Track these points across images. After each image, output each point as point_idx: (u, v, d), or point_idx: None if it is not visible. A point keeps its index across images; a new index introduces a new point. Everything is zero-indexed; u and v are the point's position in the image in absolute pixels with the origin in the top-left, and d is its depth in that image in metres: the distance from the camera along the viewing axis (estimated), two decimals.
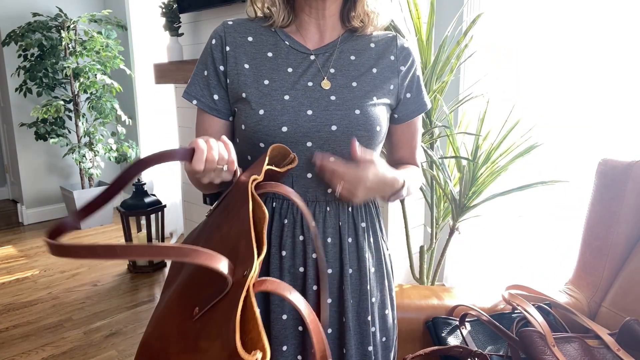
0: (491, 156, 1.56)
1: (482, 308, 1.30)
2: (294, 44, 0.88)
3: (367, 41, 0.92)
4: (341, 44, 0.90)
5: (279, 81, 0.85)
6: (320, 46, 0.89)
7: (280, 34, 0.89)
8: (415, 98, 0.94)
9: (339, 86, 0.86)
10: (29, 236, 3.69)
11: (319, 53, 0.88)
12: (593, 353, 1.10)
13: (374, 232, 0.94)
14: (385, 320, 0.95)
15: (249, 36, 0.88)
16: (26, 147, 3.92)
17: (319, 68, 0.87)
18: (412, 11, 1.56)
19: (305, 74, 0.86)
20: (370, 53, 0.91)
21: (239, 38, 0.88)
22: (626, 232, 1.30)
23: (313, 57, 0.88)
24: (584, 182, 1.62)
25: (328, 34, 0.89)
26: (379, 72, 0.89)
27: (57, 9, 3.81)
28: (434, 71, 1.57)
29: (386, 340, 0.95)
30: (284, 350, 0.87)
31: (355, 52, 0.90)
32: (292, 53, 0.88)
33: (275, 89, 0.84)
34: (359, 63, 0.89)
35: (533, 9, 1.76)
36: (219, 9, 2.67)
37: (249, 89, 0.85)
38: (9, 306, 2.60)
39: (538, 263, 1.84)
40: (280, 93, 0.84)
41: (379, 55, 0.91)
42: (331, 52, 0.89)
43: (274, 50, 0.88)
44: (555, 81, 1.73)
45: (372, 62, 0.90)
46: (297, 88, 0.85)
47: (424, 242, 2.21)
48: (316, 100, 0.84)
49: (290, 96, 0.84)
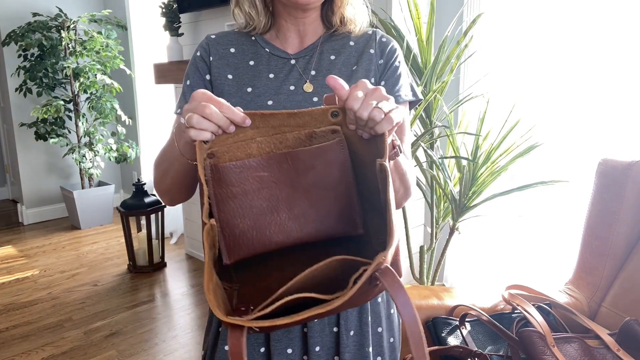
0: (491, 156, 1.56)
1: (482, 308, 1.30)
2: (273, 50, 0.89)
3: (347, 40, 0.92)
4: (321, 45, 0.90)
5: (262, 87, 0.86)
6: (301, 50, 0.90)
7: (260, 42, 0.90)
8: (389, 89, 0.89)
9: (320, 87, 0.87)
10: (29, 236, 3.69)
11: (299, 57, 0.89)
12: (593, 353, 1.10)
13: None
14: (391, 320, 0.95)
15: (231, 47, 0.90)
16: (26, 147, 3.92)
17: (300, 72, 0.88)
18: (412, 11, 1.56)
19: (287, 78, 0.87)
20: (350, 51, 0.91)
21: (222, 50, 0.89)
22: (626, 232, 1.30)
23: (293, 62, 0.89)
24: (584, 182, 1.62)
25: (309, 37, 0.90)
26: (360, 68, 0.89)
27: (57, 9, 3.81)
28: (434, 71, 1.57)
29: (393, 341, 0.95)
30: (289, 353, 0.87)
31: (334, 52, 0.90)
32: (272, 59, 0.89)
33: (258, 95, 0.85)
34: (339, 62, 0.89)
35: (533, 9, 1.76)
36: (219, 9, 2.67)
37: (233, 98, 0.86)
38: (9, 306, 2.60)
39: (538, 263, 1.84)
40: (264, 99, 0.85)
41: (359, 52, 0.91)
42: (311, 54, 0.89)
43: (255, 58, 0.89)
44: (555, 81, 1.73)
45: (352, 60, 0.90)
46: (280, 93, 0.86)
47: (424, 242, 2.21)
48: (299, 103, 0.85)
49: (274, 101, 0.85)
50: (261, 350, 0.87)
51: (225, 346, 0.90)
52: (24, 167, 3.95)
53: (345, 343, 0.87)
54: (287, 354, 0.86)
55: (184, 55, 3.01)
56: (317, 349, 0.86)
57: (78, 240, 3.59)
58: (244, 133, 0.66)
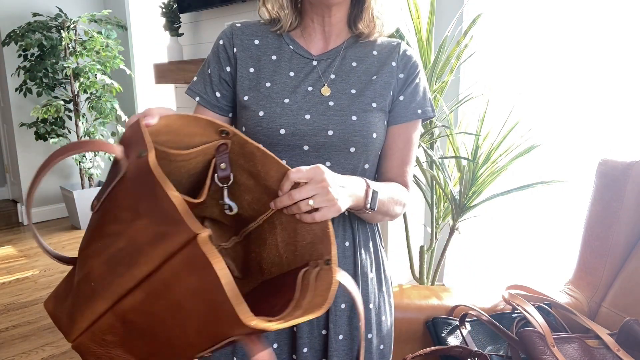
0: (491, 156, 1.56)
1: (482, 308, 1.30)
2: (297, 48, 0.89)
3: (371, 48, 0.91)
4: (345, 50, 0.90)
5: (280, 84, 0.86)
6: (324, 52, 0.90)
7: (286, 38, 0.90)
8: (406, 103, 0.90)
9: (338, 92, 0.86)
10: (29, 236, 3.69)
11: (321, 59, 0.89)
12: (593, 353, 1.10)
13: (372, 236, 0.94)
14: (381, 327, 0.94)
15: (255, 39, 0.90)
16: (26, 147, 3.92)
17: (320, 74, 0.88)
18: (412, 11, 1.56)
19: (306, 79, 0.87)
20: (372, 60, 0.90)
21: (246, 41, 0.89)
22: (626, 232, 1.30)
23: (315, 63, 0.88)
24: (584, 182, 1.63)
25: (333, 39, 0.90)
26: (380, 79, 0.89)
27: (57, 9, 3.81)
28: (434, 71, 1.58)
29: (383, 348, 0.94)
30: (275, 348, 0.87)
31: (357, 58, 0.90)
32: (295, 57, 0.89)
33: (276, 91, 0.86)
34: (360, 70, 0.89)
35: (533, 9, 1.76)
36: (219, 9, 2.67)
37: (251, 92, 0.86)
38: (9, 306, 2.60)
39: (538, 263, 1.84)
40: (281, 96, 0.85)
41: (381, 62, 0.90)
42: (334, 58, 0.89)
43: (277, 54, 0.89)
44: (555, 81, 1.73)
45: (373, 69, 0.90)
46: (298, 92, 0.86)
47: (424, 242, 2.21)
48: (315, 105, 0.85)
49: (290, 100, 0.85)
50: None
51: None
52: (24, 167, 3.95)
53: (334, 347, 0.87)
54: (273, 348, 0.87)
55: (184, 55, 3.02)
56: (305, 350, 0.87)
57: (78, 240, 3.59)
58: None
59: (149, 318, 0.50)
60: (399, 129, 0.91)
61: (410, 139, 0.92)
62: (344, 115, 0.85)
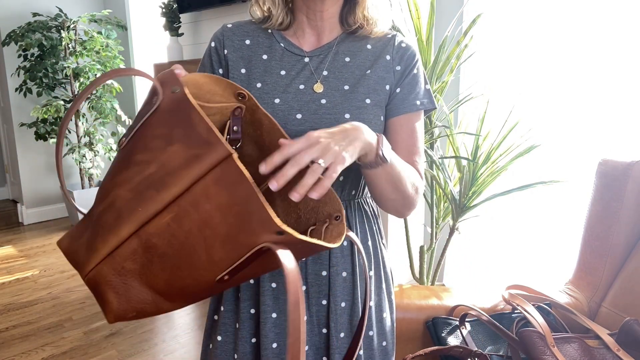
0: (491, 156, 1.56)
1: (482, 308, 1.30)
2: (289, 46, 0.88)
3: (364, 42, 0.90)
4: (337, 45, 0.88)
5: (271, 84, 0.85)
6: (316, 47, 0.88)
7: (277, 36, 0.88)
8: (406, 94, 0.88)
9: (330, 89, 0.85)
10: (29, 236, 3.69)
11: (313, 55, 0.87)
12: (593, 353, 1.10)
13: (371, 234, 0.93)
14: (383, 324, 0.94)
15: (246, 39, 0.88)
16: (26, 147, 3.92)
17: (312, 71, 0.86)
18: (412, 11, 1.56)
19: (298, 76, 0.85)
20: (366, 55, 0.88)
21: (237, 41, 0.88)
22: (626, 232, 1.30)
23: (307, 60, 0.87)
24: (584, 182, 1.63)
25: (326, 35, 0.88)
26: (374, 73, 0.87)
27: (57, 9, 3.81)
28: (434, 71, 1.58)
29: (386, 345, 0.94)
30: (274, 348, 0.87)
31: (350, 53, 0.88)
32: (286, 55, 0.87)
33: (266, 92, 0.84)
34: (353, 65, 0.87)
35: (533, 9, 1.76)
36: (219, 9, 2.67)
37: None
38: (9, 306, 2.60)
39: (538, 263, 1.84)
40: (271, 96, 0.84)
41: (375, 56, 0.88)
42: (326, 54, 0.87)
43: (268, 53, 0.87)
44: (555, 81, 1.73)
45: (367, 64, 0.88)
46: (289, 91, 0.84)
47: (424, 242, 2.21)
48: (306, 103, 0.83)
49: (281, 99, 0.83)
50: (252, 340, 0.87)
51: (219, 336, 0.90)
52: (24, 167, 3.95)
53: (336, 345, 0.87)
54: (273, 348, 0.87)
55: (184, 55, 3.02)
56: (306, 348, 0.86)
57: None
58: None
59: (173, 241, 0.52)
60: (401, 120, 0.88)
61: (414, 129, 0.89)
62: (337, 113, 0.83)
